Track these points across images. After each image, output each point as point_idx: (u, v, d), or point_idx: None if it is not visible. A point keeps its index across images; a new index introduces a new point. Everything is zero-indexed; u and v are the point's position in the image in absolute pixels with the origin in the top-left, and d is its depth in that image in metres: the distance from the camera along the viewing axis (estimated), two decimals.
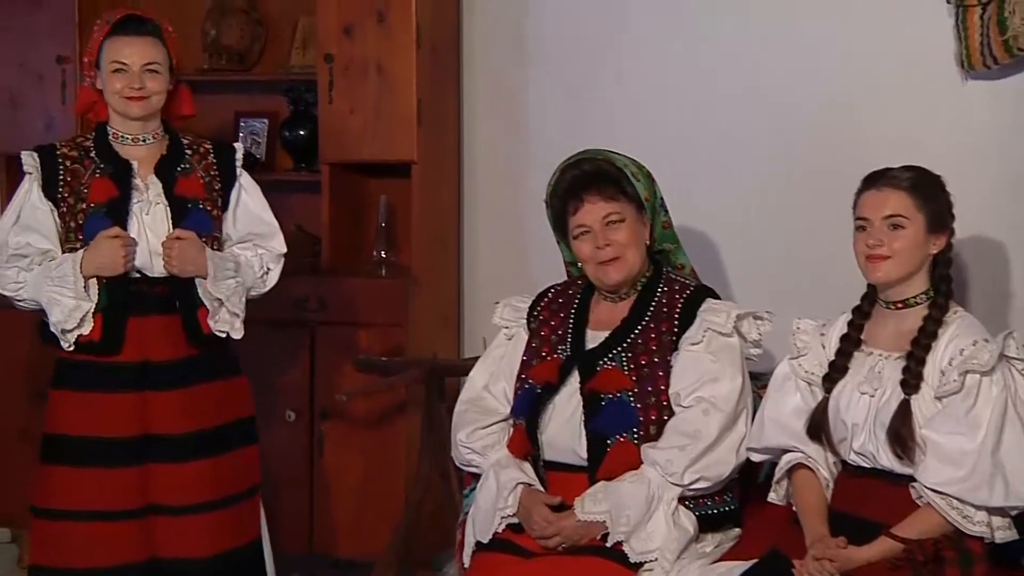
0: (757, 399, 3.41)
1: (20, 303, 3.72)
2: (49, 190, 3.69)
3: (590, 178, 3.41)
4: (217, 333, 3.70)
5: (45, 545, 3.71)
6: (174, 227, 3.67)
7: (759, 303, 3.50)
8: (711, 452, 3.27)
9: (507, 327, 3.57)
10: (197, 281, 3.68)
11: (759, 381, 3.49)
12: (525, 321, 3.53)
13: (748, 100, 4.34)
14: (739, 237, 4.36)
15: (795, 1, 4.26)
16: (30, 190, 3.71)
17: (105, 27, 3.71)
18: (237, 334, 3.72)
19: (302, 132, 4.96)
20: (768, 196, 4.33)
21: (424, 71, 4.67)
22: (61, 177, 3.69)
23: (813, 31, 4.23)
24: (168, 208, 3.69)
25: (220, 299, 3.67)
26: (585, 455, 3.29)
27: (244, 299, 3.73)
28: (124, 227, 3.64)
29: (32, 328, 4.78)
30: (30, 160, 3.73)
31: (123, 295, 3.64)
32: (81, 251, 3.63)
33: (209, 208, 3.73)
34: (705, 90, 4.40)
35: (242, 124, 5.10)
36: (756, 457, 3.34)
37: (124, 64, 3.65)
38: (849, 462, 3.19)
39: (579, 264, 3.47)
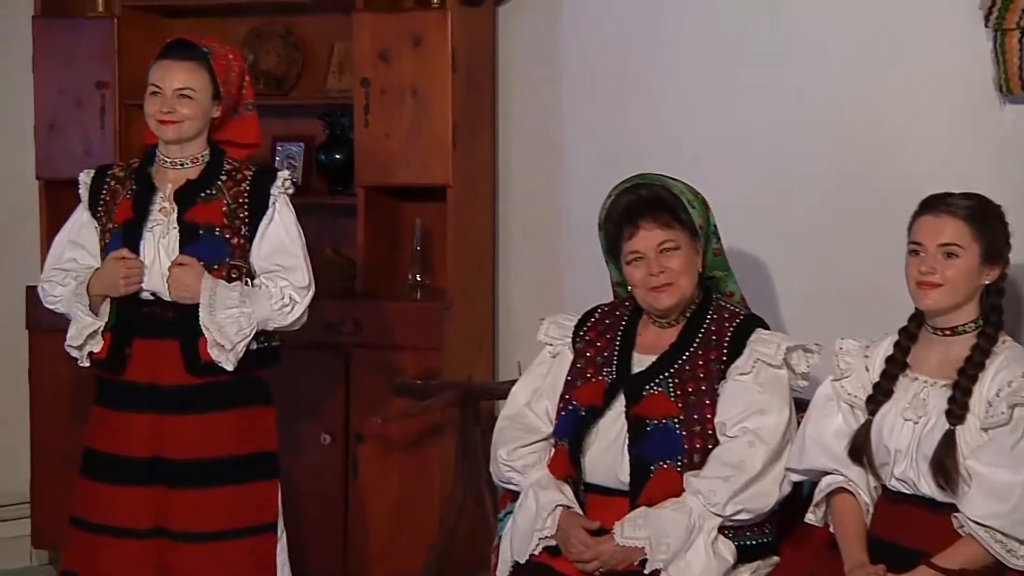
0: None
1: (66, 316, 3.76)
2: (93, 209, 3.76)
3: (646, 204, 3.38)
4: (215, 362, 3.66)
5: (72, 552, 3.78)
6: (180, 252, 3.66)
7: (803, 328, 3.48)
8: (755, 484, 3.24)
9: (551, 344, 3.55)
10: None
11: (802, 408, 3.47)
12: (570, 340, 3.51)
13: (789, 123, 4.30)
14: (794, 268, 4.31)
15: (834, 24, 4.23)
16: (82, 208, 3.79)
17: (157, 51, 3.75)
18: (228, 366, 3.65)
19: (338, 156, 4.96)
20: (807, 218, 4.29)
21: (459, 95, 4.68)
22: (102, 196, 3.75)
23: (853, 54, 4.20)
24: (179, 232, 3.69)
25: (211, 329, 3.63)
26: (627, 480, 3.26)
27: (248, 331, 3.65)
28: (135, 249, 3.65)
29: (67, 355, 4.85)
30: (84, 178, 3.80)
31: (131, 316, 3.67)
32: (93, 270, 3.69)
33: (228, 236, 3.69)
34: (745, 112, 4.38)
35: (279, 148, 5.11)
36: (795, 477, 3.30)
37: (159, 87, 3.68)
38: (890, 487, 3.16)
39: (628, 287, 3.45)
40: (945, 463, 3.03)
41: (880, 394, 3.18)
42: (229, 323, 3.63)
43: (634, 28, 4.60)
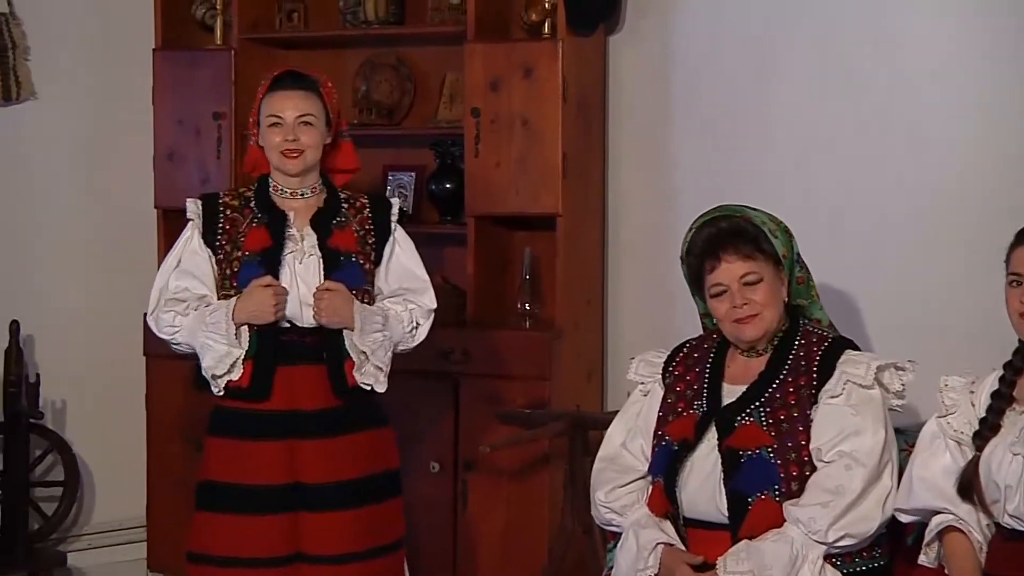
0: (903, 455, 3.34)
1: (176, 346, 3.76)
2: (208, 237, 3.75)
3: (727, 236, 3.35)
4: (362, 385, 3.69)
5: None
6: (325, 279, 3.68)
7: (902, 358, 3.43)
8: (855, 508, 3.19)
9: (643, 383, 3.54)
10: (344, 333, 3.67)
11: (904, 436, 3.41)
12: (660, 376, 3.49)
13: (900, 155, 4.25)
14: (880, 291, 4.28)
15: (946, 57, 4.19)
16: (191, 236, 3.77)
17: (265, 84, 3.77)
18: (381, 387, 3.70)
19: (448, 185, 4.98)
20: (911, 249, 4.26)
21: (569, 125, 4.69)
22: (220, 225, 3.74)
23: (964, 83, 4.17)
24: (321, 260, 3.70)
25: (365, 352, 3.67)
26: (726, 513, 3.24)
27: (390, 353, 3.71)
28: (276, 276, 3.67)
29: (186, 378, 4.94)
30: (193, 207, 3.79)
31: (273, 343, 3.66)
32: (234, 298, 3.66)
33: (362, 261, 3.74)
34: (858, 146, 4.32)
35: (390, 177, 5.15)
36: (904, 518, 3.24)
37: (279, 117, 3.69)
38: (1004, 525, 3.09)
39: (715, 321, 3.44)
40: None
41: (987, 429, 3.10)
42: (378, 346, 3.68)
43: (745, 60, 4.58)
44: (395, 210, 3.83)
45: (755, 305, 3.32)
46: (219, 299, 3.71)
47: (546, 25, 4.75)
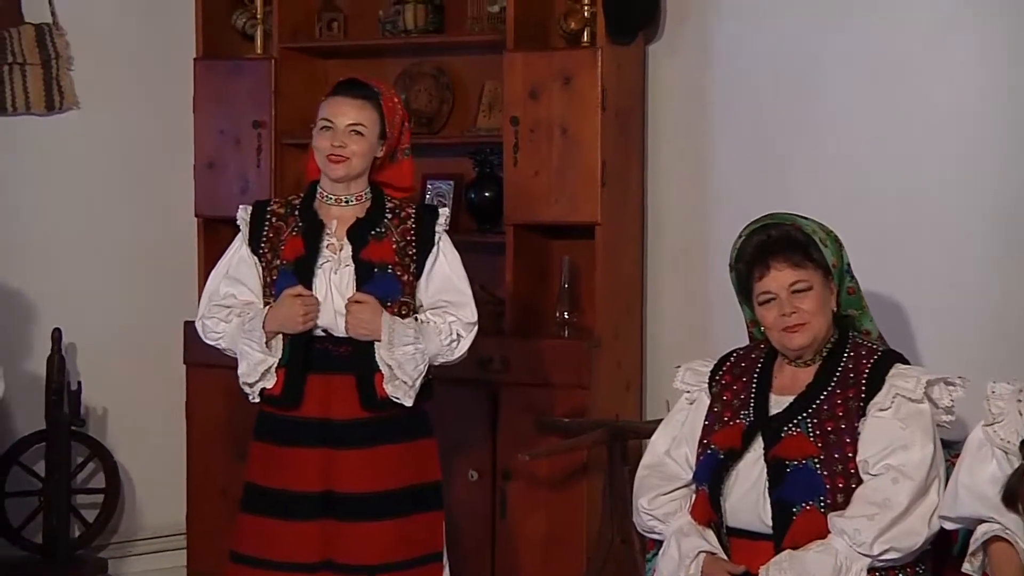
0: (949, 468, 3.31)
1: (224, 352, 3.77)
2: (253, 244, 3.75)
3: (777, 244, 3.34)
4: (392, 398, 3.66)
5: None
6: (357, 290, 3.66)
7: (952, 372, 3.40)
8: (901, 522, 3.16)
9: (688, 391, 3.52)
10: (375, 345, 3.65)
11: (951, 450, 3.39)
12: (707, 385, 3.47)
13: (951, 163, 4.21)
14: (932, 304, 4.23)
15: (996, 63, 4.14)
16: (240, 244, 3.78)
17: (328, 88, 3.77)
18: (408, 402, 3.66)
19: (487, 194, 4.97)
20: (963, 261, 4.21)
21: (609, 133, 4.67)
22: (265, 233, 3.74)
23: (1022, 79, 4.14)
24: (354, 270, 3.69)
25: (391, 365, 3.64)
26: (770, 523, 3.21)
27: (423, 366, 3.66)
28: (309, 286, 3.65)
29: (226, 387, 4.95)
30: (242, 214, 3.79)
31: (306, 352, 3.66)
32: (268, 307, 3.68)
33: (399, 273, 3.70)
34: (906, 153, 4.28)
35: (429, 186, 5.14)
36: (949, 526, 3.20)
37: (330, 122, 3.67)
38: None
39: (762, 328, 3.42)
40: None
41: None
42: (407, 360, 3.64)
43: (787, 67, 4.55)
44: (442, 219, 3.78)
45: (803, 314, 3.30)
46: (263, 306, 3.72)
47: (585, 34, 4.74)
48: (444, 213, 3.80)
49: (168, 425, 5.30)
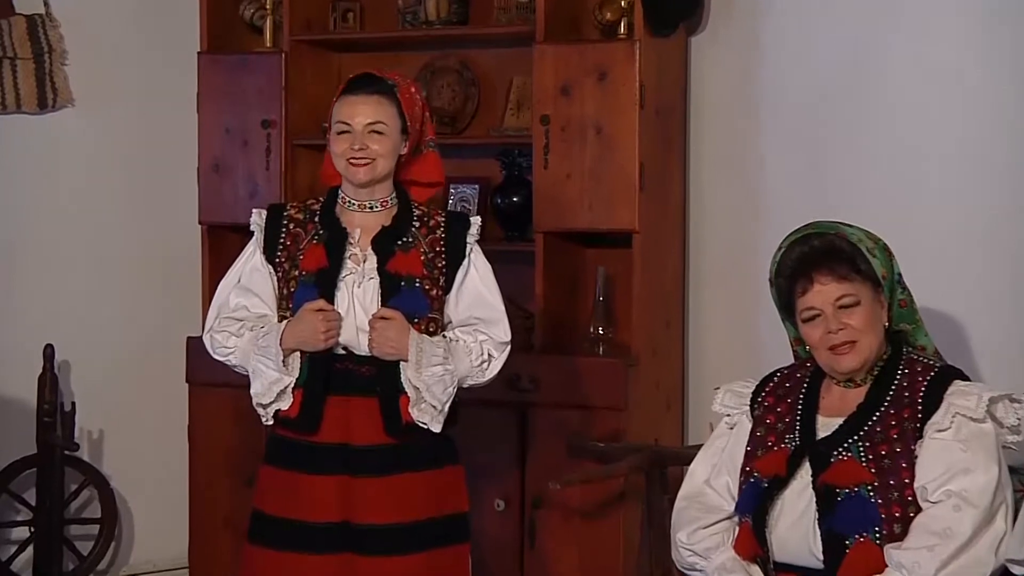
0: (1017, 496, 3.29)
1: (235, 369, 3.75)
2: (268, 252, 3.72)
3: (820, 255, 3.32)
4: (417, 423, 3.65)
5: None
6: (383, 305, 3.64)
7: (1016, 388, 3.39)
8: (965, 552, 3.13)
9: (729, 415, 3.52)
10: (401, 366, 3.63)
11: (1020, 476, 3.37)
12: (748, 408, 3.47)
13: (1010, 167, 4.20)
14: (993, 317, 4.22)
15: None
16: (254, 251, 3.75)
17: (341, 87, 3.74)
18: (436, 427, 3.65)
19: (515, 199, 4.99)
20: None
21: (647, 133, 4.67)
22: (282, 240, 3.72)
23: None
24: (379, 284, 3.67)
25: (419, 387, 3.62)
26: (820, 556, 3.21)
27: (452, 388, 3.65)
28: (331, 300, 3.63)
29: (233, 408, 4.98)
30: (257, 219, 3.76)
31: (325, 372, 3.64)
32: (285, 322, 3.65)
33: (427, 287, 3.68)
34: (963, 156, 4.28)
35: (452, 190, 5.15)
36: (1017, 571, 3.18)
37: (348, 124, 3.65)
38: None
39: (807, 348, 3.42)
40: None
41: None
42: (435, 382, 3.63)
43: (839, 61, 4.55)
44: (473, 229, 3.77)
45: (852, 331, 3.29)
46: (278, 320, 3.70)
47: (622, 25, 4.75)
48: (476, 222, 3.79)
49: (169, 449, 5.32)
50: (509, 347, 3.76)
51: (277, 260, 3.72)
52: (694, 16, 4.85)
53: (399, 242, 3.70)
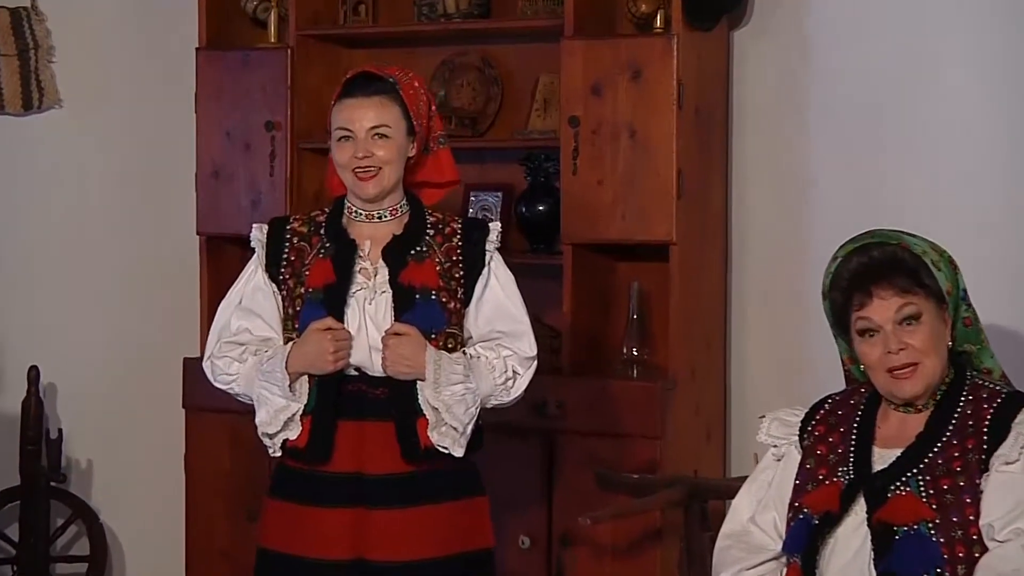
0: None
1: (238, 397, 3.75)
2: (271, 270, 3.73)
3: (881, 267, 3.32)
4: (438, 448, 3.65)
5: None
6: (396, 320, 3.64)
7: None
8: None
9: (776, 445, 3.52)
10: (418, 385, 3.64)
11: None
12: (797, 438, 3.47)
13: None
14: None
15: None
16: (255, 269, 3.76)
17: (337, 90, 3.75)
18: (458, 451, 3.65)
19: (541, 207, 5.00)
20: None
21: (685, 136, 4.67)
22: (285, 256, 3.73)
23: None
24: (391, 297, 3.68)
25: (439, 408, 3.63)
26: None
27: (475, 409, 3.66)
28: (340, 317, 3.63)
29: (232, 435, 5.00)
30: (258, 234, 3.77)
31: (335, 396, 3.64)
32: (290, 344, 3.65)
33: (444, 299, 3.69)
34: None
35: (472, 198, 5.16)
36: None
37: (348, 130, 3.67)
38: None
39: (862, 367, 3.42)
40: None
41: None
42: (456, 401, 3.63)
43: (897, 57, 4.56)
44: (493, 236, 3.78)
45: (913, 352, 3.29)
46: (284, 342, 3.70)
47: (658, 18, 4.76)
48: (495, 228, 3.80)
49: (164, 480, 5.34)
50: (535, 363, 3.76)
51: (281, 278, 3.73)
52: (737, 8, 4.86)
53: (412, 252, 3.71)
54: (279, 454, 3.69)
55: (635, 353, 4.82)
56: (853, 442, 3.36)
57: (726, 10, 4.82)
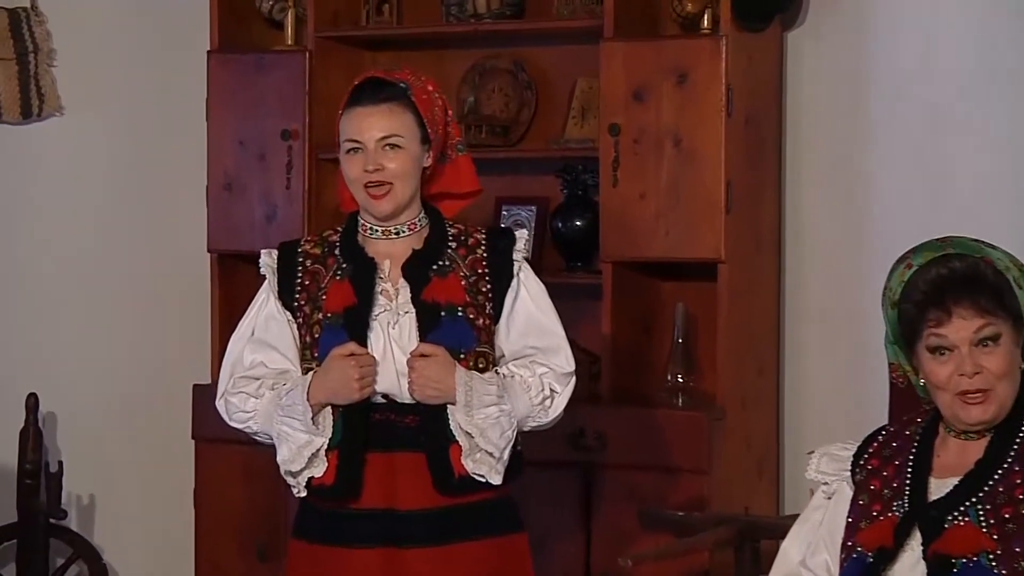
0: None
1: (255, 436, 3.74)
2: (284, 297, 3.72)
3: (963, 282, 3.29)
4: (474, 476, 3.64)
5: None
6: (421, 340, 3.63)
7: None
8: None
9: (827, 483, 3.52)
10: (449, 410, 3.63)
11: None
12: (849, 474, 3.47)
13: None
14: None
15: None
16: (267, 298, 3.75)
17: (344, 98, 3.74)
18: (496, 479, 3.64)
19: (578, 223, 5.02)
20: None
21: (735, 145, 4.69)
22: (299, 280, 3.72)
23: None
24: (415, 317, 3.67)
25: (472, 433, 3.63)
26: None
27: (512, 432, 3.65)
28: (363, 342, 3.63)
29: (245, 468, 5.02)
30: (267, 260, 3.76)
31: (363, 427, 3.64)
32: (311, 374, 3.65)
33: (472, 316, 3.68)
34: None
35: (504, 212, 5.19)
36: None
37: (356, 141, 3.66)
38: None
39: (922, 382, 3.40)
40: None
41: None
42: (490, 425, 3.63)
43: (966, 60, 4.56)
44: (520, 244, 3.77)
45: (987, 376, 3.27)
46: (303, 373, 3.70)
47: (706, 17, 4.78)
48: (522, 236, 3.79)
49: (171, 516, 5.36)
50: (574, 378, 3.76)
51: (295, 304, 3.72)
52: (791, 7, 4.86)
53: (434, 267, 3.70)
54: (304, 494, 3.68)
55: (680, 380, 4.82)
56: (909, 474, 3.36)
57: (779, 9, 4.83)
